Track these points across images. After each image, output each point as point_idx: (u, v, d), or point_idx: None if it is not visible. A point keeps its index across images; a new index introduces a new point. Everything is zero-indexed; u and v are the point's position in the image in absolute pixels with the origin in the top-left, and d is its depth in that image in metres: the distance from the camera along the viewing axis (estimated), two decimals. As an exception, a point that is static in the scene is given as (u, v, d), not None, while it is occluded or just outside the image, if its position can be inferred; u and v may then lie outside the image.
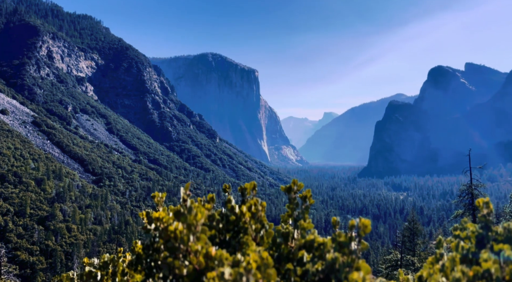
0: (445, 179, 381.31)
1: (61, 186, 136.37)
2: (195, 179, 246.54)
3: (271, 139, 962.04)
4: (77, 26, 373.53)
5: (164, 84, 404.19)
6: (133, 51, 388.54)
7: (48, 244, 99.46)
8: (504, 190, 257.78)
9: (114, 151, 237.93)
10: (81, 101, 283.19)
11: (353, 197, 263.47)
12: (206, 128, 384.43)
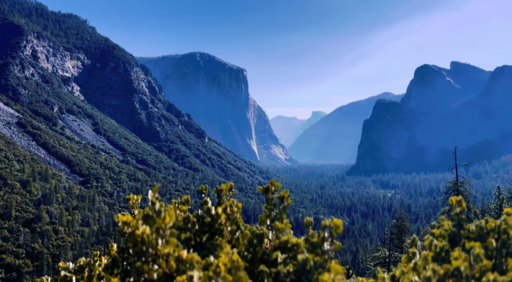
0: (432, 177, 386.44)
1: (47, 188, 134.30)
2: (184, 179, 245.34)
3: (260, 138, 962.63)
4: (62, 25, 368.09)
5: (152, 84, 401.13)
6: (120, 50, 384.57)
7: (34, 246, 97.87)
8: (489, 187, 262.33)
9: (102, 151, 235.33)
10: (67, 101, 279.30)
11: (342, 195, 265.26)
12: (194, 127, 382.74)
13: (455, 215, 1.56)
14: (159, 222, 1.22)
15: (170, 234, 1.23)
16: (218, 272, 1.18)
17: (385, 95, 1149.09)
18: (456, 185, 32.96)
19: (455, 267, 1.27)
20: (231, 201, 1.64)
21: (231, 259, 1.23)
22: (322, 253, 1.31)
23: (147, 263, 1.19)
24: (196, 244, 1.56)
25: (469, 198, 34.00)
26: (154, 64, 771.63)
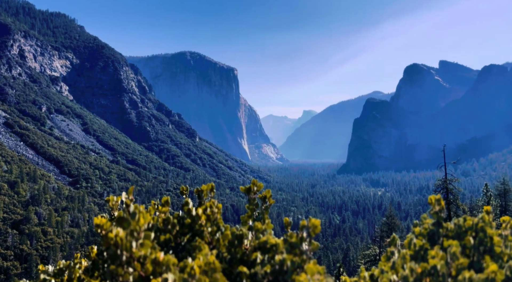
0: (421, 174, 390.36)
1: (36, 189, 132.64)
2: (175, 179, 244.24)
3: (251, 137, 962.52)
4: (50, 24, 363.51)
5: (142, 83, 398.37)
6: (109, 49, 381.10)
7: (22, 248, 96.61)
8: (477, 184, 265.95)
9: (91, 152, 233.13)
10: (56, 101, 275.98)
11: (333, 193, 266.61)
12: (185, 127, 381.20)
13: (434, 214, 1.58)
14: (134, 224, 1.21)
15: (145, 236, 1.22)
16: (193, 274, 1.17)
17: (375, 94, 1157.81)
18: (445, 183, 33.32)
19: (432, 266, 1.28)
20: (211, 202, 1.63)
21: (208, 261, 1.22)
22: (300, 253, 1.32)
23: (121, 266, 1.18)
24: (176, 246, 1.55)
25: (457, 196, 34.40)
26: (143, 64, 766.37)
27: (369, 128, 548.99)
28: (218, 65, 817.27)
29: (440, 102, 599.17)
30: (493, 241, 1.46)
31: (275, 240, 1.39)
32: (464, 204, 41.89)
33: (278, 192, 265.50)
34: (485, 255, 1.42)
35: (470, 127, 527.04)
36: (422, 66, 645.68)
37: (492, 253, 1.43)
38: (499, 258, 1.42)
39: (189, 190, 1.91)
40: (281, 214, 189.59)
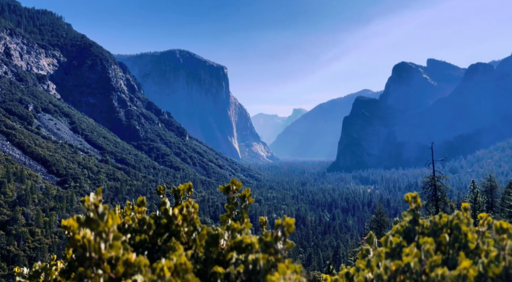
0: (410, 172, 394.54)
1: (23, 189, 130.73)
2: (165, 178, 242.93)
3: (242, 136, 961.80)
4: (36, 22, 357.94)
5: (131, 82, 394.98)
6: (97, 48, 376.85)
7: (10, 249, 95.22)
8: (465, 181, 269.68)
9: (79, 151, 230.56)
10: (43, 100, 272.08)
11: (323, 191, 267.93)
12: (175, 126, 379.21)
13: (410, 211, 1.61)
14: (102, 225, 1.19)
15: (114, 237, 1.20)
16: (162, 276, 1.16)
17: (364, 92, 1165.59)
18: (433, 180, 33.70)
19: (406, 263, 1.29)
20: (188, 201, 1.62)
21: (179, 262, 1.21)
22: (275, 252, 1.32)
23: (90, 268, 1.16)
24: (152, 246, 1.53)
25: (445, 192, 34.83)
26: (132, 62, 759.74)
27: (358, 126, 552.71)
28: (208, 64, 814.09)
29: (428, 100, 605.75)
30: (467, 238, 1.47)
31: (251, 240, 1.38)
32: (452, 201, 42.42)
33: (269, 190, 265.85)
34: (460, 251, 1.43)
35: (458, 124, 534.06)
36: (410, 64, 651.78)
37: (467, 249, 1.45)
38: (476, 255, 1.44)
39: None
40: (271, 212, 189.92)
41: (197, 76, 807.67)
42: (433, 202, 33.70)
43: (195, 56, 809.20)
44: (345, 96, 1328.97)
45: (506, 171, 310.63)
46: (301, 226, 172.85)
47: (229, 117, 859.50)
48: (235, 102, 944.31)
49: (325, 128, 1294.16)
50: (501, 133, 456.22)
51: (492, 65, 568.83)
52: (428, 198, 34.70)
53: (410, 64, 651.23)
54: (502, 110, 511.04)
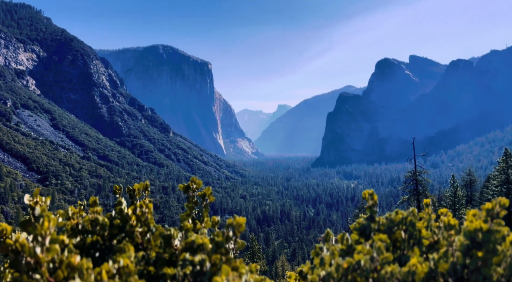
0: (392, 167, 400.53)
1: (2, 187, 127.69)
2: (149, 175, 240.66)
3: (227, 132, 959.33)
4: (14, 15, 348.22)
5: (113, 77, 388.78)
6: (78, 42, 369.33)
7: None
8: (446, 175, 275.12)
9: (60, 148, 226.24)
10: (22, 95, 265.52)
11: (307, 187, 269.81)
12: (158, 122, 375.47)
13: (367, 208, 1.61)
14: (39, 228, 1.13)
15: (52, 240, 1.14)
16: (99, 280, 1.12)
17: (348, 88, 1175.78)
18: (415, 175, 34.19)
19: (356, 261, 1.28)
20: (142, 201, 1.58)
21: (123, 264, 1.17)
22: (226, 252, 1.30)
23: (26, 273, 1.10)
24: (105, 248, 1.49)
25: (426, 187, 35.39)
26: (114, 57, 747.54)
27: (342, 122, 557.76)
28: (191, 59, 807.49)
29: (410, 96, 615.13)
30: (422, 234, 1.48)
31: (203, 240, 1.35)
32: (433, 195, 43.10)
33: (254, 186, 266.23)
34: (415, 248, 1.44)
35: (439, 120, 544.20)
36: (393, 60, 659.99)
37: (421, 246, 1.46)
38: (436, 250, 1.43)
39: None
40: (256, 208, 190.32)
41: (180, 71, 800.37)
42: (414, 197, 34.20)
43: (178, 52, 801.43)
44: (329, 92, 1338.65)
45: (485, 165, 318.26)
46: (286, 222, 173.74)
47: (213, 113, 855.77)
48: (219, 98, 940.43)
49: (310, 124, 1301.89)
50: (480, 129, 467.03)
51: (472, 62, 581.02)
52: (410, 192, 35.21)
53: (393, 61, 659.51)
54: (481, 106, 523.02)
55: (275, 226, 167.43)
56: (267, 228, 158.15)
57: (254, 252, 48.92)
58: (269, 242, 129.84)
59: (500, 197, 1.21)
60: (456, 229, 1.45)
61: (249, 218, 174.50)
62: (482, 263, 1.22)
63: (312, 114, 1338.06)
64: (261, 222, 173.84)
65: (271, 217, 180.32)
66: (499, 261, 1.21)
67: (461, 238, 1.28)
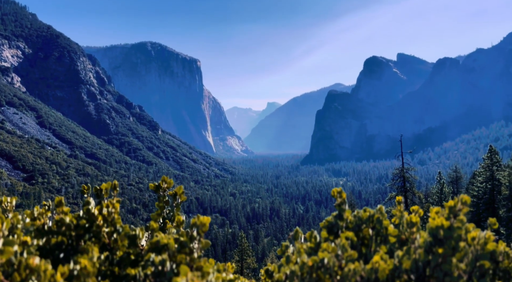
0: (380, 164, 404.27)
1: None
2: (137, 173, 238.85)
3: (216, 130, 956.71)
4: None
5: (100, 74, 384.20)
6: (65, 39, 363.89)
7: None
8: (433, 172, 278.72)
9: (47, 146, 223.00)
10: (7, 93, 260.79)
11: (297, 184, 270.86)
12: (147, 120, 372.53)
13: (336, 206, 1.59)
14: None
15: (6, 242, 1.12)
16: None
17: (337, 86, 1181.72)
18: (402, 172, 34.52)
19: (321, 259, 1.28)
20: (109, 201, 1.56)
21: (82, 266, 1.15)
22: (190, 252, 1.30)
23: None
24: (71, 248, 1.46)
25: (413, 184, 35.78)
26: (102, 54, 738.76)
27: (331, 120, 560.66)
28: (180, 56, 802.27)
29: (398, 94, 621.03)
30: (388, 231, 1.49)
31: (167, 240, 1.33)
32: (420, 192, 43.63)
33: (243, 184, 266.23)
34: (382, 245, 1.45)
35: (426, 117, 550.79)
36: (381, 58, 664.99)
37: (387, 243, 1.47)
38: (406, 248, 1.39)
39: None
40: (246, 206, 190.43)
41: (169, 69, 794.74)
42: (402, 193, 34.54)
43: (167, 49, 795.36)
44: (318, 90, 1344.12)
45: (471, 162, 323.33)
46: (276, 219, 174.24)
47: (202, 110, 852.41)
48: (208, 96, 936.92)
49: (299, 122, 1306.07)
50: (467, 126, 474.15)
51: (458, 60, 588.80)
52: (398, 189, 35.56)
53: (381, 59, 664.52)
54: (467, 103, 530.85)
55: (264, 223, 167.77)
56: (256, 226, 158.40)
57: (244, 249, 48.92)
58: (258, 239, 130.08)
59: (462, 195, 1.29)
60: (418, 227, 1.47)
61: (239, 215, 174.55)
62: (442, 259, 1.23)
63: (301, 112, 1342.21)
64: (250, 220, 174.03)
65: (260, 214, 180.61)
66: (461, 257, 1.22)
67: (424, 235, 1.31)
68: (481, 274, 1.22)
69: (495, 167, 44.43)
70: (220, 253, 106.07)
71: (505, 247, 1.31)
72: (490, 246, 1.26)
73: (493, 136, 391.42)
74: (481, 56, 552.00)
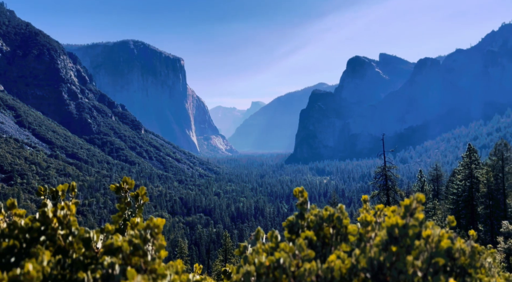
0: (363, 162, 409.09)
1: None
2: (120, 173, 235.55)
3: (200, 129, 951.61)
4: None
5: (81, 73, 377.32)
6: (44, 37, 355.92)
7: None
8: (414, 170, 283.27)
9: (26, 146, 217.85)
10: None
11: (281, 183, 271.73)
12: (129, 119, 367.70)
13: (298, 205, 1.59)
14: None
15: None
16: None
17: (320, 85, 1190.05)
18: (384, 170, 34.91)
19: (277, 258, 1.28)
20: (65, 203, 1.52)
21: (25, 271, 1.12)
22: (143, 254, 1.28)
23: None
24: (24, 252, 1.41)
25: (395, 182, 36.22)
26: (83, 52, 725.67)
27: (314, 119, 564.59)
28: (163, 55, 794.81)
29: (380, 93, 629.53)
30: (348, 230, 1.51)
31: (121, 242, 1.30)
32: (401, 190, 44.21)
33: (228, 183, 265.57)
34: (342, 243, 1.47)
35: (408, 117, 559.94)
36: (364, 58, 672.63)
37: (347, 241, 1.48)
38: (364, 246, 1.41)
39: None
40: (230, 205, 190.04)
41: (152, 67, 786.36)
42: (384, 191, 34.93)
43: (150, 47, 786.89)
44: (302, 89, 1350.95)
45: (451, 160, 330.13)
46: (260, 218, 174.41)
47: (186, 110, 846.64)
48: (192, 95, 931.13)
49: (283, 121, 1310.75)
50: (447, 125, 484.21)
51: (439, 60, 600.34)
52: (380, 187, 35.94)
53: (364, 58, 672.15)
54: (447, 103, 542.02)
55: (249, 222, 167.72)
56: (241, 225, 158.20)
57: (228, 249, 48.75)
58: (243, 239, 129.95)
59: (417, 193, 1.32)
60: (372, 226, 1.48)
61: (223, 215, 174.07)
62: (396, 257, 1.25)
63: (285, 111, 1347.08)
64: (235, 219, 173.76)
65: (245, 213, 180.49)
66: (417, 255, 1.24)
67: (381, 233, 1.32)
68: (435, 271, 1.24)
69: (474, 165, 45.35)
70: (205, 253, 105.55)
71: (462, 244, 1.32)
72: (444, 244, 1.27)
73: (472, 134, 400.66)
74: (461, 56, 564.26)
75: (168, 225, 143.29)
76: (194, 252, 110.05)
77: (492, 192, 42.77)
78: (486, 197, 43.15)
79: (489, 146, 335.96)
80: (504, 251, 26.88)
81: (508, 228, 31.06)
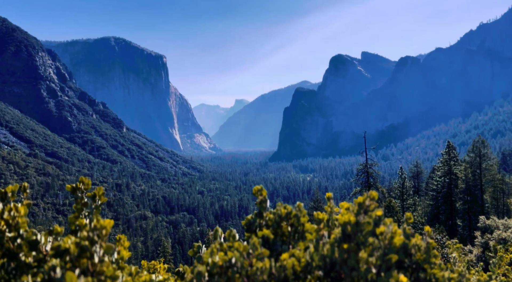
0: (346, 160, 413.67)
1: None
2: (101, 172, 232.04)
3: (183, 127, 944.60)
4: None
5: (61, 70, 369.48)
6: (22, 33, 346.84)
7: None
8: (396, 167, 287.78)
9: (3, 145, 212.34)
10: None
11: (265, 181, 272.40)
12: (111, 117, 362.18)
13: (257, 204, 1.59)
14: None
15: None
16: None
17: (304, 83, 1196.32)
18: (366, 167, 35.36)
19: (230, 258, 1.27)
20: (13, 204, 1.48)
21: None
22: (91, 256, 1.24)
23: None
24: None
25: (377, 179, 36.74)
26: (62, 49, 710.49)
27: (298, 117, 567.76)
28: (145, 52, 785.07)
29: (362, 91, 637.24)
30: (305, 228, 1.50)
31: (69, 244, 1.26)
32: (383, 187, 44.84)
33: (212, 181, 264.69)
34: (300, 241, 1.46)
35: (389, 114, 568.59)
36: (346, 57, 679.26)
37: (304, 239, 1.47)
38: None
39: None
40: (214, 204, 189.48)
41: (134, 65, 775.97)
42: (366, 188, 35.38)
43: (131, 44, 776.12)
44: (286, 88, 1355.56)
45: (431, 157, 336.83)
46: (244, 216, 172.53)
47: (169, 107, 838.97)
48: (175, 93, 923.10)
49: (267, 119, 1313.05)
50: (427, 122, 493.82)
51: (419, 59, 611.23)
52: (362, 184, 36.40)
53: (346, 57, 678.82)
54: (428, 101, 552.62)
55: (233, 220, 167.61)
56: (225, 223, 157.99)
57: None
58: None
59: (371, 191, 1.30)
60: (325, 223, 1.48)
61: (207, 213, 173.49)
62: (348, 255, 1.26)
63: (269, 109, 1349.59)
64: (219, 217, 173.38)
65: (229, 212, 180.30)
66: (371, 252, 1.25)
67: (336, 231, 1.33)
68: (388, 267, 1.25)
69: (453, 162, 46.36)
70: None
71: (418, 241, 1.33)
72: (397, 240, 1.29)
73: (451, 132, 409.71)
74: (440, 55, 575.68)
75: (151, 224, 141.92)
76: (177, 251, 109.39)
77: (470, 188, 43.81)
78: (465, 193, 44.18)
79: (468, 143, 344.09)
80: (481, 246, 27.60)
81: (485, 223, 31.90)
